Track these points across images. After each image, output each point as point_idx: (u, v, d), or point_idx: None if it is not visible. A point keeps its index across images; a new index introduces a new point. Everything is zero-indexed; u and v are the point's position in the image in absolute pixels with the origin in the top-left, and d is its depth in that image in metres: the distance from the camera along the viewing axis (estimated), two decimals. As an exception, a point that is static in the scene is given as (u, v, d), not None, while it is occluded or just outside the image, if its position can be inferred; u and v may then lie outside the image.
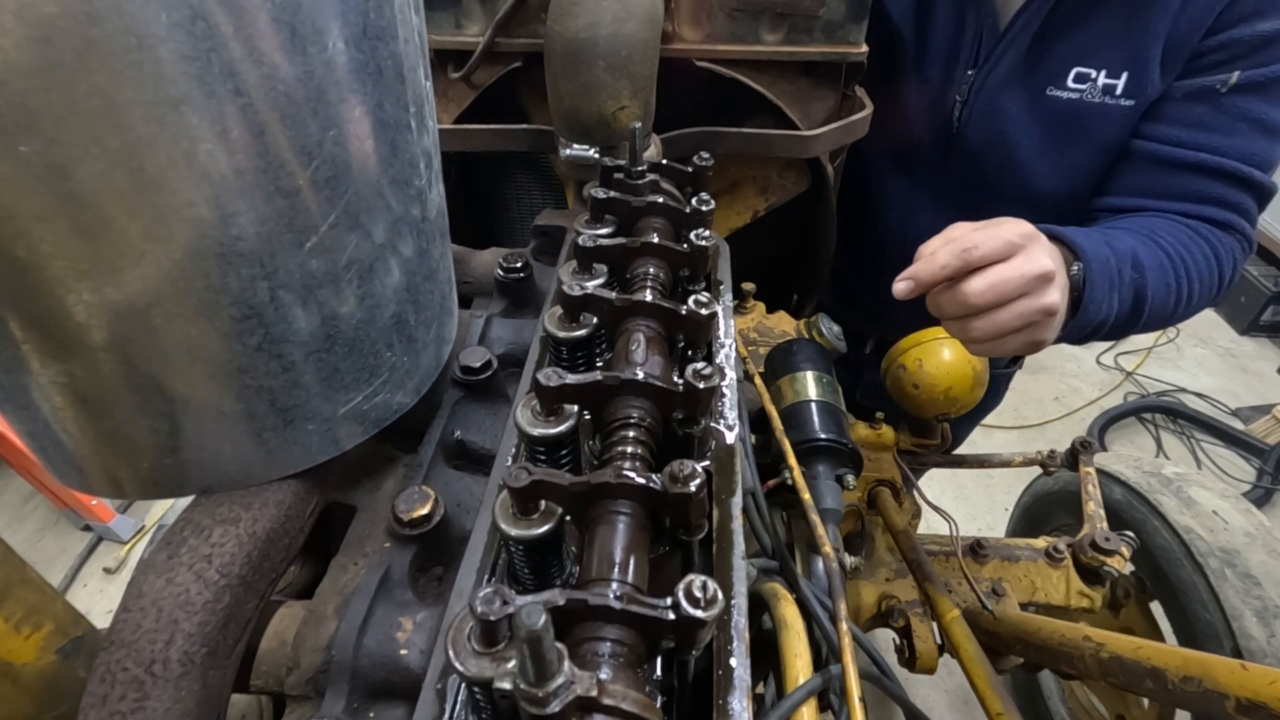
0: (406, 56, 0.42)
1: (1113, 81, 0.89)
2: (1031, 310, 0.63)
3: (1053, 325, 0.65)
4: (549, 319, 0.52)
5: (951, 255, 0.63)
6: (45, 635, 0.45)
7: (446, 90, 0.96)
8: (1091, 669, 0.66)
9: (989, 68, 0.95)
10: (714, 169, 0.72)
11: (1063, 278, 0.66)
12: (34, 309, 0.35)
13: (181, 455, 0.42)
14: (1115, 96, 0.89)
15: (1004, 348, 0.66)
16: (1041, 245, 0.64)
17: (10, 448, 1.90)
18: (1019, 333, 0.64)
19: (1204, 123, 0.86)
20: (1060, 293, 0.64)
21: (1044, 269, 0.62)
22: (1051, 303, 0.63)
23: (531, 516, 0.38)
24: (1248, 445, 2.62)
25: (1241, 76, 0.82)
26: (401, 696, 0.42)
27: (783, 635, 0.57)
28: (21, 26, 0.27)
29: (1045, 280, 0.62)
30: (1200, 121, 0.86)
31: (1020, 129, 0.97)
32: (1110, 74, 0.89)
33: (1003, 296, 0.62)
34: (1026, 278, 0.62)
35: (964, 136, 1.02)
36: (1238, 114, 0.83)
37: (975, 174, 1.05)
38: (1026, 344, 0.66)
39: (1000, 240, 0.63)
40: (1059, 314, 0.64)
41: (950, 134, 1.03)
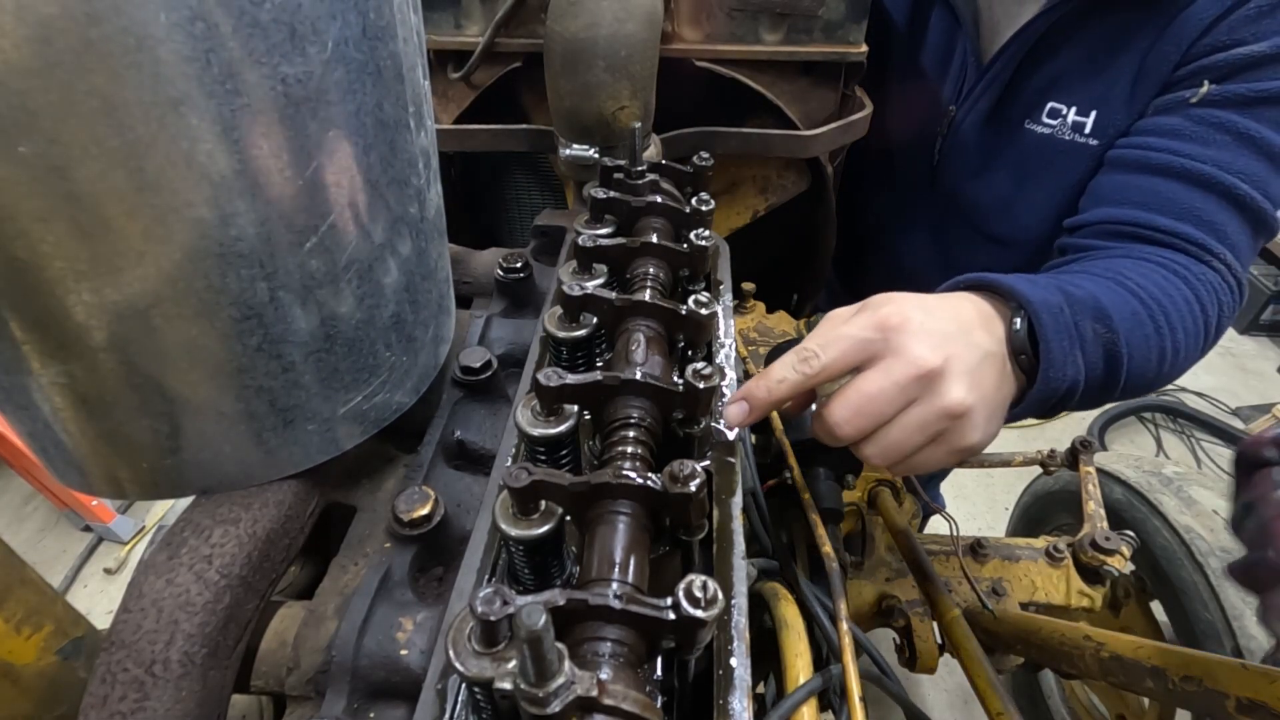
0: (405, 56, 0.42)
1: (1081, 119, 0.87)
2: (927, 419, 0.48)
3: (971, 425, 0.49)
4: (549, 319, 0.52)
5: (789, 369, 0.50)
6: (46, 636, 0.45)
7: (446, 90, 0.96)
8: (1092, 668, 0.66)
9: (969, 104, 0.95)
10: (714, 169, 0.72)
11: (974, 354, 0.50)
12: (34, 309, 0.35)
13: (181, 456, 0.42)
14: (1084, 135, 0.87)
15: (925, 466, 0.51)
16: (912, 333, 0.48)
17: (11, 448, 1.90)
18: (928, 448, 0.50)
19: (1177, 131, 0.76)
20: (965, 382, 0.48)
21: (919, 365, 0.47)
22: (951, 403, 0.47)
23: (531, 517, 0.38)
24: (1248, 444, 2.62)
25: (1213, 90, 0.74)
26: (402, 697, 0.42)
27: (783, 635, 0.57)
28: (21, 27, 0.27)
29: (929, 379, 0.47)
30: (1173, 130, 0.76)
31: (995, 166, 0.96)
32: (1080, 111, 0.87)
33: (877, 417, 0.48)
34: (899, 384, 0.47)
35: (944, 170, 1.03)
36: (1215, 124, 0.74)
37: (955, 208, 1.05)
38: (949, 455, 0.50)
39: (846, 343, 0.49)
40: (969, 411, 0.48)
41: (932, 167, 1.03)
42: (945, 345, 0.48)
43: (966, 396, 0.47)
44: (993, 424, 0.51)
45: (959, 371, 0.48)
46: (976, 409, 0.48)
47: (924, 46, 0.99)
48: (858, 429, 0.49)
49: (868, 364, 0.49)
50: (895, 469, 0.51)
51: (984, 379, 0.50)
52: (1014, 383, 0.54)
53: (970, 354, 0.49)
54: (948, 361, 0.47)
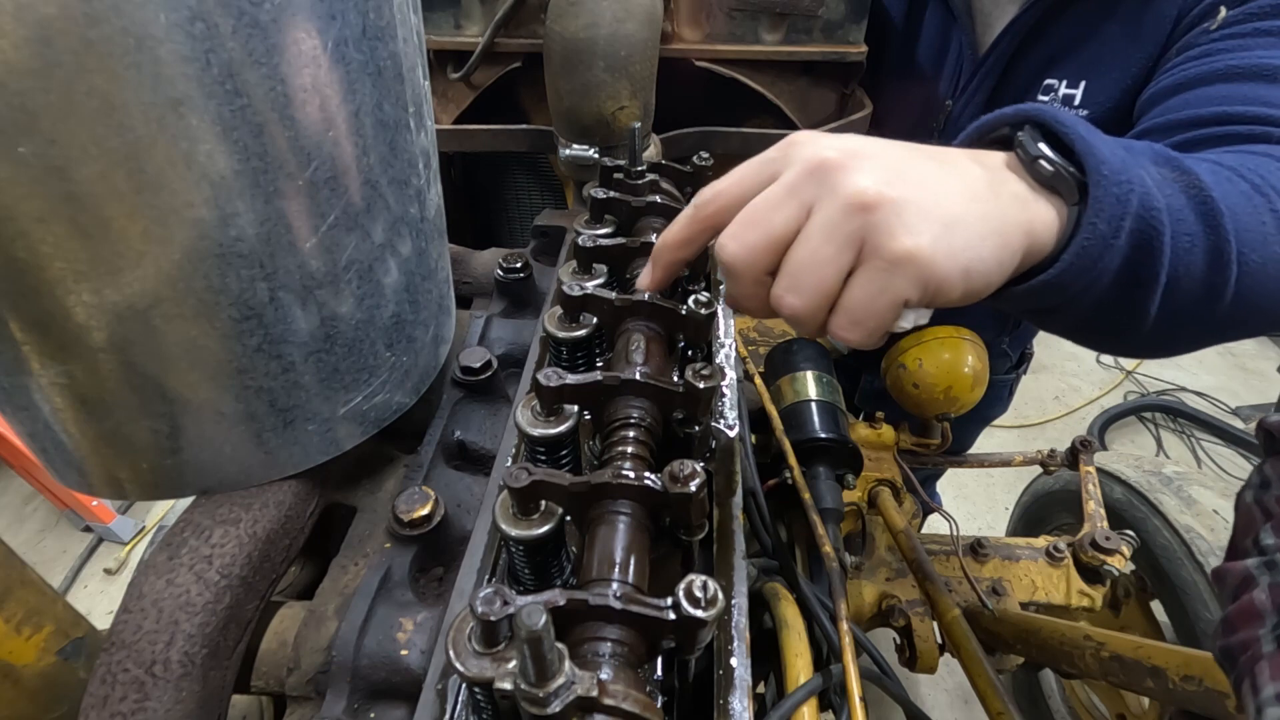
0: (405, 56, 0.42)
1: (1072, 91, 0.86)
2: (831, 219, 0.36)
3: (896, 221, 0.35)
4: (549, 319, 0.52)
5: (685, 211, 0.44)
6: (46, 636, 0.45)
7: (446, 90, 0.96)
8: (1092, 668, 0.66)
9: (966, 98, 0.95)
10: (714, 169, 0.72)
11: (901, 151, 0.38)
12: (34, 310, 0.35)
13: (182, 456, 0.42)
14: (1074, 106, 0.86)
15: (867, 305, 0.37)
16: (816, 141, 0.39)
17: (11, 449, 1.90)
18: (861, 275, 0.37)
19: (1209, 52, 0.68)
20: (876, 170, 0.36)
21: (811, 161, 0.37)
22: (852, 190, 0.35)
23: (531, 517, 0.38)
24: (1248, 444, 2.62)
25: (1232, 13, 0.68)
26: (402, 697, 0.42)
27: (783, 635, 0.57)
28: (20, 28, 0.27)
29: (823, 171, 0.37)
30: (1205, 51, 0.68)
31: None
32: (1070, 84, 0.86)
33: (765, 228, 0.38)
34: (788, 184, 0.38)
35: None
36: (1248, 33, 0.66)
37: None
38: (884, 274, 0.36)
39: (744, 168, 0.42)
40: (883, 201, 0.35)
41: None
42: (855, 144, 0.38)
43: (875, 184, 0.35)
44: (953, 235, 0.35)
45: (866, 161, 0.37)
46: (901, 202, 0.35)
47: (919, 43, 0.99)
48: (745, 244, 0.39)
49: (760, 186, 0.40)
50: (836, 324, 0.38)
51: (916, 173, 0.37)
52: (1036, 204, 0.39)
53: (894, 151, 0.38)
54: (851, 154, 0.37)
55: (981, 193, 0.38)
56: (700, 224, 0.43)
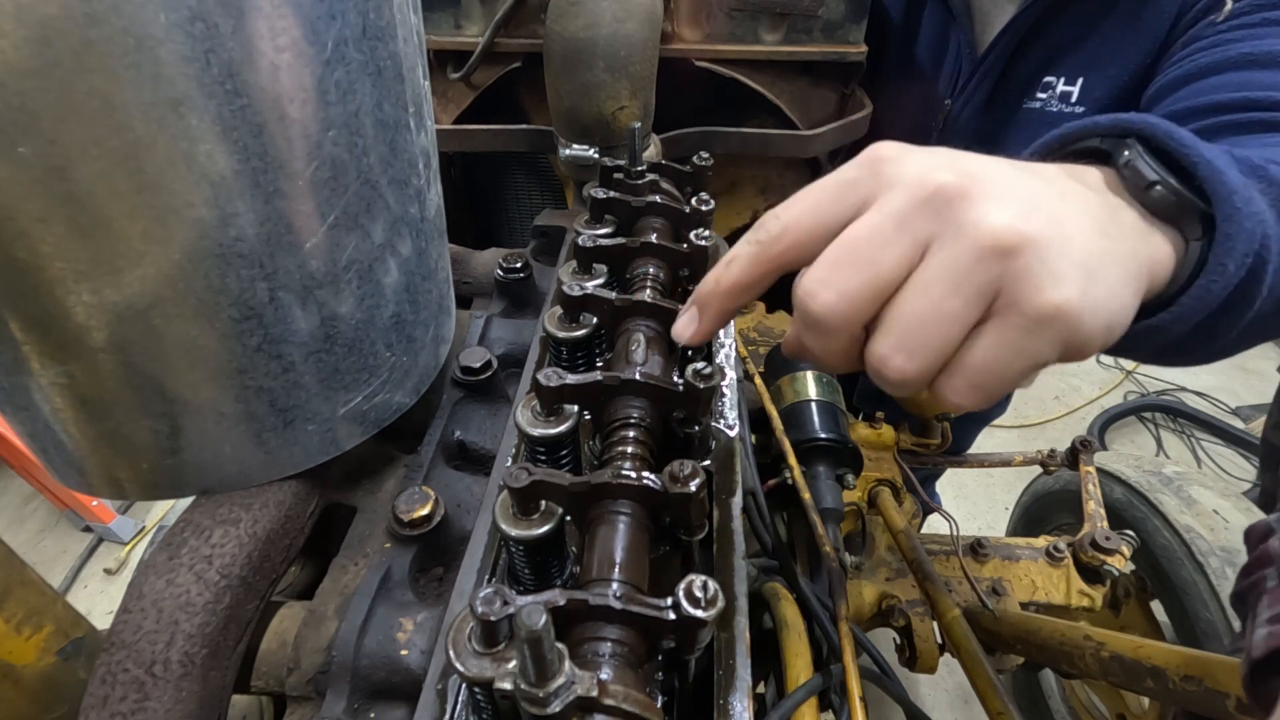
0: (405, 56, 0.42)
1: (1069, 89, 0.86)
2: (958, 261, 0.29)
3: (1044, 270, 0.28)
4: (549, 319, 0.52)
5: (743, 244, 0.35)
6: (46, 636, 0.45)
7: (446, 90, 0.96)
8: (1092, 668, 0.66)
9: (965, 97, 0.95)
10: (714, 169, 0.72)
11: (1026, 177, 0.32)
12: (34, 310, 0.35)
13: (182, 456, 0.42)
14: (1071, 104, 0.87)
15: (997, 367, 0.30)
16: (913, 157, 0.32)
17: (11, 449, 1.90)
18: (989, 330, 0.30)
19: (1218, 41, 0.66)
20: (1010, 202, 0.29)
21: (924, 184, 0.30)
22: (989, 228, 0.29)
23: (532, 517, 0.38)
24: (1248, 444, 2.62)
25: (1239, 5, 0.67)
26: (402, 697, 0.42)
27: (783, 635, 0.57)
28: (20, 28, 0.27)
29: (944, 200, 0.30)
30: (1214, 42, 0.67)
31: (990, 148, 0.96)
32: (1068, 80, 0.86)
33: (869, 270, 0.30)
34: (896, 216, 0.30)
35: None
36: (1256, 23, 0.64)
37: None
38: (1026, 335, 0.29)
39: (818, 191, 0.33)
40: (1027, 243, 0.28)
41: None
42: (966, 163, 0.31)
43: (1012, 220, 0.28)
44: (1097, 283, 0.29)
45: (992, 187, 0.30)
46: (1044, 244, 0.28)
47: (919, 43, 0.99)
48: (843, 294, 0.31)
49: (850, 215, 0.32)
50: (950, 388, 0.31)
51: (1053, 206, 0.30)
52: (1153, 237, 0.33)
53: (1013, 173, 0.31)
54: (970, 176, 0.30)
55: (1108, 226, 0.32)
56: (768, 264, 0.34)
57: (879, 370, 0.32)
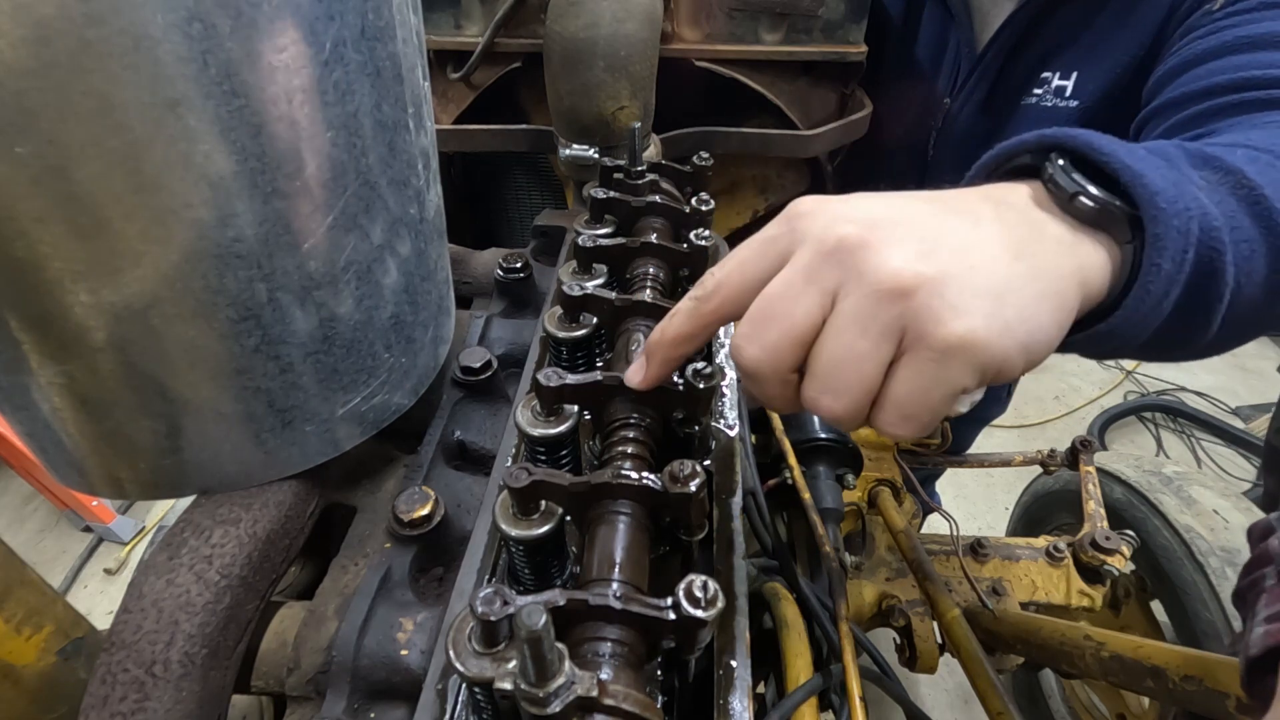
0: (405, 57, 0.42)
1: (1064, 83, 0.86)
2: (861, 309, 0.31)
3: (940, 303, 0.30)
4: (549, 319, 0.52)
5: (683, 301, 0.38)
6: (46, 637, 0.45)
7: (446, 90, 0.96)
8: (1092, 668, 0.66)
9: (964, 95, 0.95)
10: (714, 169, 0.72)
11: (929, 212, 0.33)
12: (33, 309, 0.35)
13: (181, 456, 0.42)
14: (1065, 98, 0.87)
15: (912, 402, 0.32)
16: (825, 212, 0.34)
17: (11, 449, 1.90)
18: (903, 369, 0.32)
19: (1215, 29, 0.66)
20: (908, 245, 0.31)
21: (826, 239, 0.32)
22: (884, 274, 0.31)
23: (532, 517, 0.38)
24: (1248, 444, 2.62)
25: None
26: (402, 697, 0.42)
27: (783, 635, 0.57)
28: (18, 28, 0.27)
29: (844, 252, 0.32)
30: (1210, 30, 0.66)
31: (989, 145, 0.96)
32: (1062, 75, 0.86)
33: (784, 322, 0.33)
34: (805, 270, 0.33)
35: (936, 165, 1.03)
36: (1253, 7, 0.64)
37: None
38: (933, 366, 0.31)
39: (744, 250, 0.36)
40: (923, 282, 0.30)
41: (925, 162, 1.04)
42: (871, 210, 0.33)
43: (907, 262, 0.30)
44: (1005, 307, 0.30)
45: (889, 232, 0.32)
46: (941, 280, 0.30)
47: (918, 43, 0.99)
48: (764, 347, 0.34)
49: (771, 272, 0.35)
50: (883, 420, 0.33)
51: (949, 236, 0.32)
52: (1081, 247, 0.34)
53: (915, 211, 0.33)
54: (870, 225, 0.32)
55: (1025, 245, 0.33)
56: (703, 319, 0.38)
57: (813, 410, 0.35)
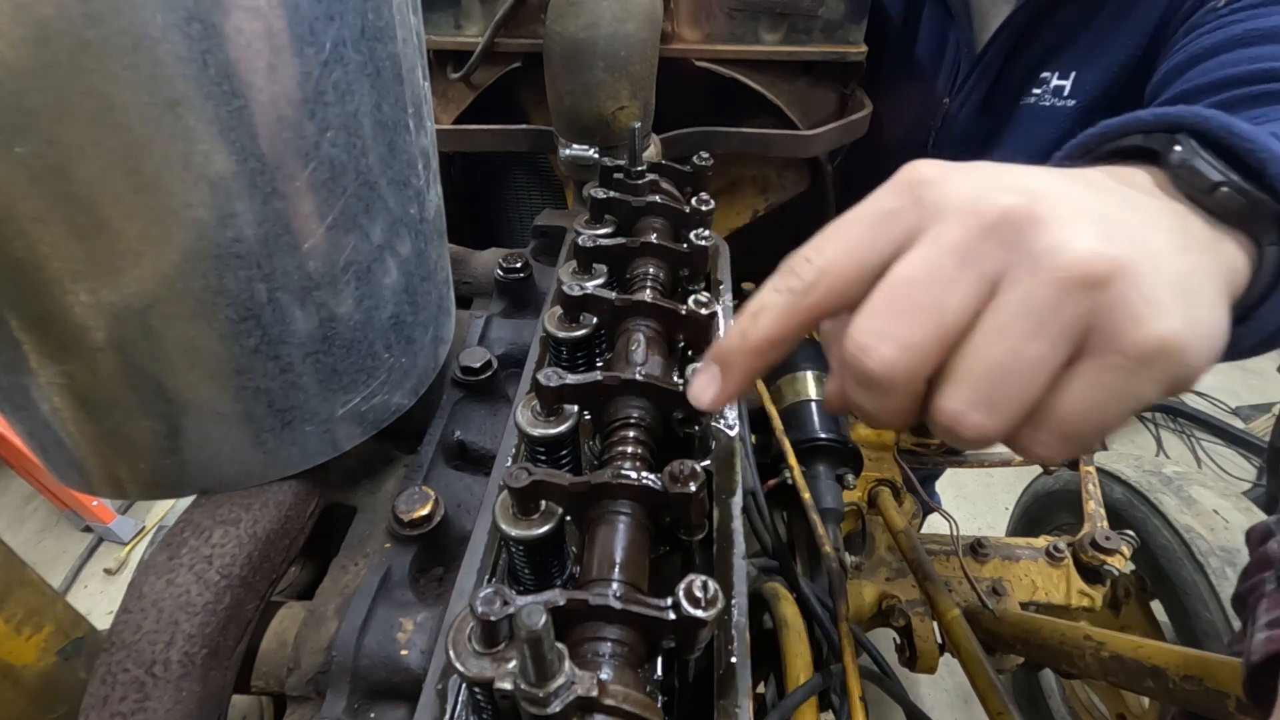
0: (405, 57, 0.42)
1: (1062, 83, 0.86)
2: (1039, 297, 0.25)
3: (1140, 297, 0.24)
4: (549, 319, 0.52)
5: (770, 292, 0.31)
6: (46, 637, 0.45)
7: (446, 91, 0.96)
8: (1092, 668, 0.66)
9: (964, 95, 0.95)
10: (714, 169, 0.72)
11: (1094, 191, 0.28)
12: (32, 309, 0.35)
13: (181, 456, 0.42)
14: (1063, 97, 0.87)
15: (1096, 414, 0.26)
16: (960, 179, 0.28)
17: (11, 449, 1.90)
18: (1081, 373, 0.26)
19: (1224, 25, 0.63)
20: (1090, 223, 0.25)
21: (987, 211, 0.26)
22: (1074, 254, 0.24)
23: (532, 517, 0.38)
24: (1248, 444, 2.62)
25: None
26: (402, 697, 0.42)
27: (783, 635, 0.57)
28: (17, 28, 0.27)
29: (1013, 226, 0.26)
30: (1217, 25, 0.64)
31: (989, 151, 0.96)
32: (1061, 75, 0.86)
33: (935, 316, 0.26)
34: (959, 249, 0.26)
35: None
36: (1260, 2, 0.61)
37: None
38: (1130, 376, 0.25)
39: (854, 226, 0.29)
40: (1121, 269, 0.24)
41: None
42: (1029, 183, 0.27)
43: (1096, 244, 0.24)
44: (1197, 305, 0.25)
45: (1066, 208, 0.26)
46: (1136, 269, 0.24)
47: (918, 43, 1.00)
48: (905, 346, 0.26)
49: (898, 251, 0.28)
50: (1037, 441, 0.27)
51: (1130, 223, 0.26)
52: (1224, 245, 0.29)
53: (1084, 191, 0.27)
54: (1038, 198, 0.26)
55: (1185, 238, 0.28)
56: (804, 314, 0.30)
57: (952, 428, 0.27)
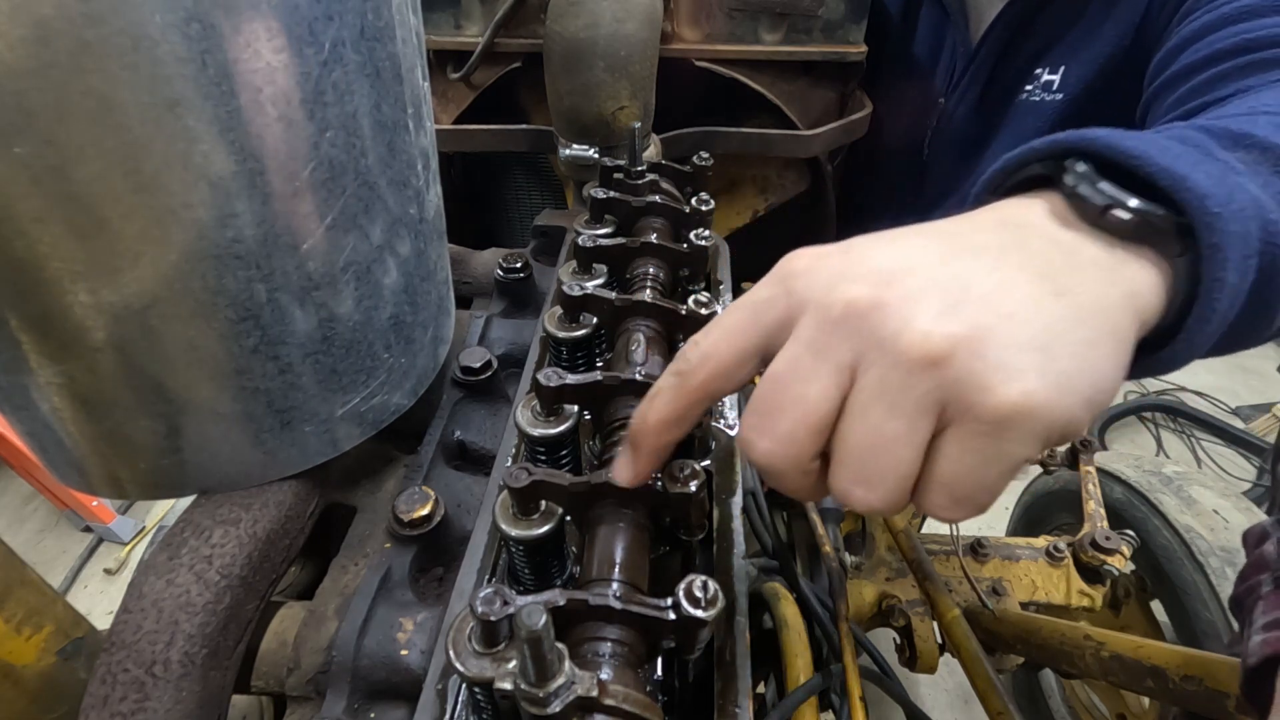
0: (404, 57, 0.42)
1: (1052, 77, 0.87)
2: (887, 383, 0.26)
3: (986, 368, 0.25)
4: (549, 319, 0.52)
5: (665, 376, 0.33)
6: (46, 637, 0.45)
7: (446, 91, 0.96)
8: (1092, 668, 0.66)
9: (959, 94, 0.95)
10: (714, 169, 0.72)
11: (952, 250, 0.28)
12: (32, 309, 0.35)
13: (180, 456, 0.42)
14: (1052, 92, 0.87)
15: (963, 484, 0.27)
16: (823, 268, 0.29)
17: (11, 449, 1.90)
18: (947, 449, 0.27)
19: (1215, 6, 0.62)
20: (934, 297, 0.26)
21: (835, 302, 0.28)
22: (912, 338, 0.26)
23: (532, 517, 0.38)
24: (1248, 444, 2.62)
25: None
26: (402, 697, 0.42)
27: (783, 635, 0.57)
28: (17, 28, 0.27)
29: (858, 316, 0.27)
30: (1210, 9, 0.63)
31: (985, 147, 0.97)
32: (1051, 70, 0.87)
33: (797, 408, 0.28)
34: (813, 342, 0.28)
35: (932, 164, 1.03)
36: None
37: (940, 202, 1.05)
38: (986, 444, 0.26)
39: (732, 315, 0.32)
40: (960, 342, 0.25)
41: (922, 162, 1.04)
42: (882, 260, 0.28)
43: (935, 322, 0.25)
44: (1056, 359, 0.25)
45: (903, 285, 0.27)
46: (978, 338, 0.25)
47: (915, 43, 1.00)
48: (778, 438, 0.29)
49: (777, 341, 0.30)
50: (932, 504, 0.28)
51: (985, 285, 0.27)
52: (1127, 267, 0.29)
53: (935, 254, 0.28)
54: (880, 281, 0.27)
55: (1061, 277, 0.27)
56: (691, 396, 0.32)
57: (845, 502, 0.29)
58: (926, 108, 1.00)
